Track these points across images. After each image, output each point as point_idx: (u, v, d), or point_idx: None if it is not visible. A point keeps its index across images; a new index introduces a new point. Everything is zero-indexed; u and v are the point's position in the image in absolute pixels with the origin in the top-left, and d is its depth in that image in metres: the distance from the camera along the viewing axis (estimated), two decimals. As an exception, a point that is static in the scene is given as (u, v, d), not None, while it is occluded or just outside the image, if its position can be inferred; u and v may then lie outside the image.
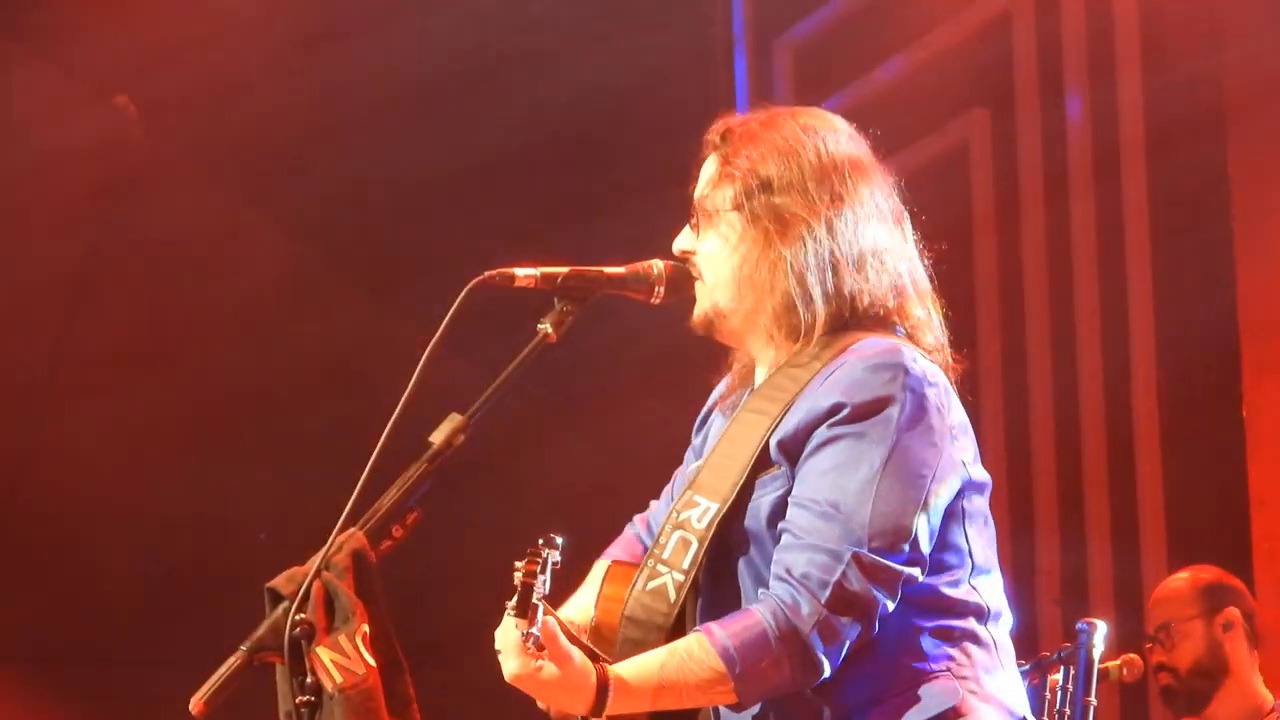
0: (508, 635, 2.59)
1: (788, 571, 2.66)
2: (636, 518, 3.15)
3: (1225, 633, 5.13)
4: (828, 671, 2.66)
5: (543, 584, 2.47)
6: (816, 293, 2.81)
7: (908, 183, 3.03)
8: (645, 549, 2.95)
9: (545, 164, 7.22)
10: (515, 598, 2.46)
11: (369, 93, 7.05)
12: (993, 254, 7.13)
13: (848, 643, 2.66)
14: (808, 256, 2.81)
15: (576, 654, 2.60)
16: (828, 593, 2.63)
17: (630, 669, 2.65)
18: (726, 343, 2.98)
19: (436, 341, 2.71)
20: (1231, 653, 5.13)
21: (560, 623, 2.62)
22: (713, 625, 2.66)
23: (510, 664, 2.61)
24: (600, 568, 2.98)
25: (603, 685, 2.60)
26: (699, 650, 2.63)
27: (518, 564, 2.47)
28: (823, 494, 2.69)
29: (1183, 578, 5.27)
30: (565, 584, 2.65)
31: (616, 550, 3.06)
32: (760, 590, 2.71)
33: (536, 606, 2.47)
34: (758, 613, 2.65)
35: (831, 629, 2.64)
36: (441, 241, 6.82)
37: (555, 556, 2.48)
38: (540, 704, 2.77)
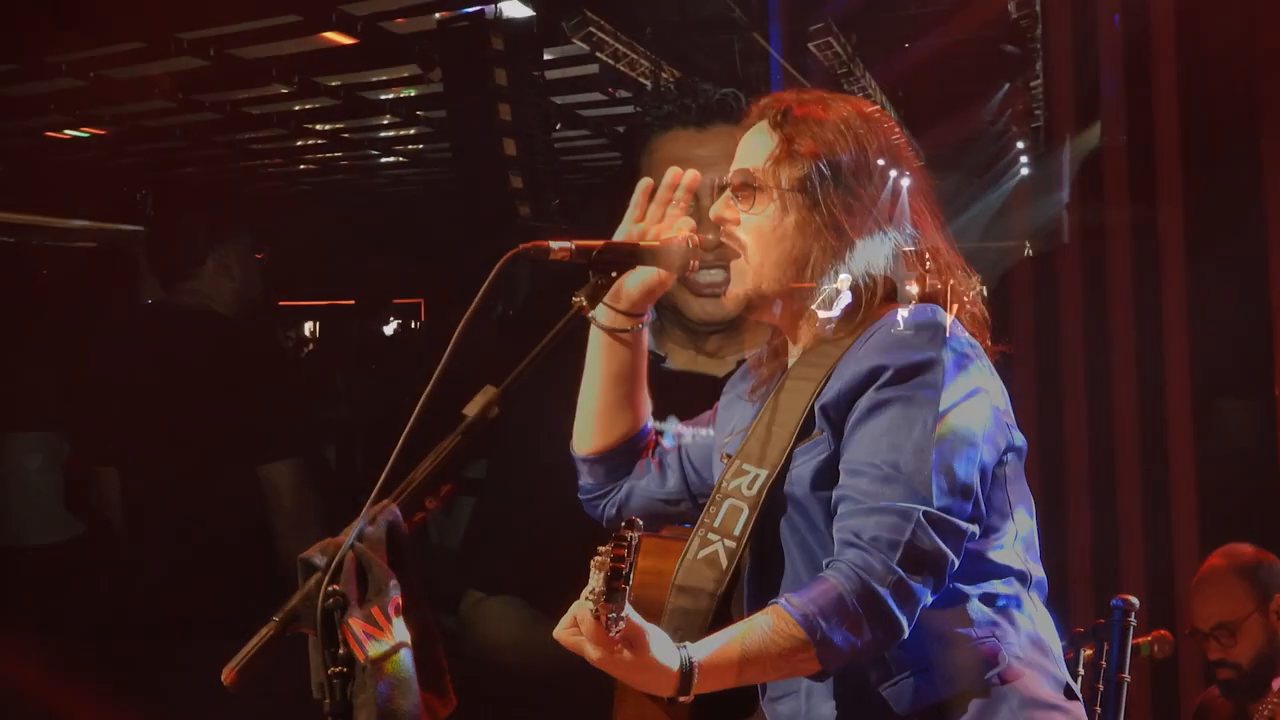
0: (585, 621, 2.53)
1: (856, 536, 2.65)
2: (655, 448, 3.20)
3: (1278, 619, 5.15)
4: (906, 631, 2.64)
5: (629, 569, 2.43)
6: (877, 283, 2.81)
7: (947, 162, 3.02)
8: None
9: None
10: (601, 582, 2.42)
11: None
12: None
13: (923, 602, 2.65)
14: (875, 248, 2.81)
15: (656, 634, 2.56)
16: (899, 553, 2.62)
17: (710, 648, 2.61)
18: (760, 321, 2.96)
19: (472, 312, 2.68)
20: None
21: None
22: (788, 595, 2.64)
23: (590, 651, 2.55)
24: None
25: (686, 669, 2.57)
26: (778, 620, 2.61)
27: (601, 548, 2.42)
28: (880, 456, 2.67)
29: (1225, 567, 5.27)
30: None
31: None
32: (827, 559, 2.69)
33: (622, 590, 2.43)
34: (831, 579, 2.63)
35: (906, 588, 2.62)
36: (473, 226, 6.81)
37: (638, 541, 2.43)
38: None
